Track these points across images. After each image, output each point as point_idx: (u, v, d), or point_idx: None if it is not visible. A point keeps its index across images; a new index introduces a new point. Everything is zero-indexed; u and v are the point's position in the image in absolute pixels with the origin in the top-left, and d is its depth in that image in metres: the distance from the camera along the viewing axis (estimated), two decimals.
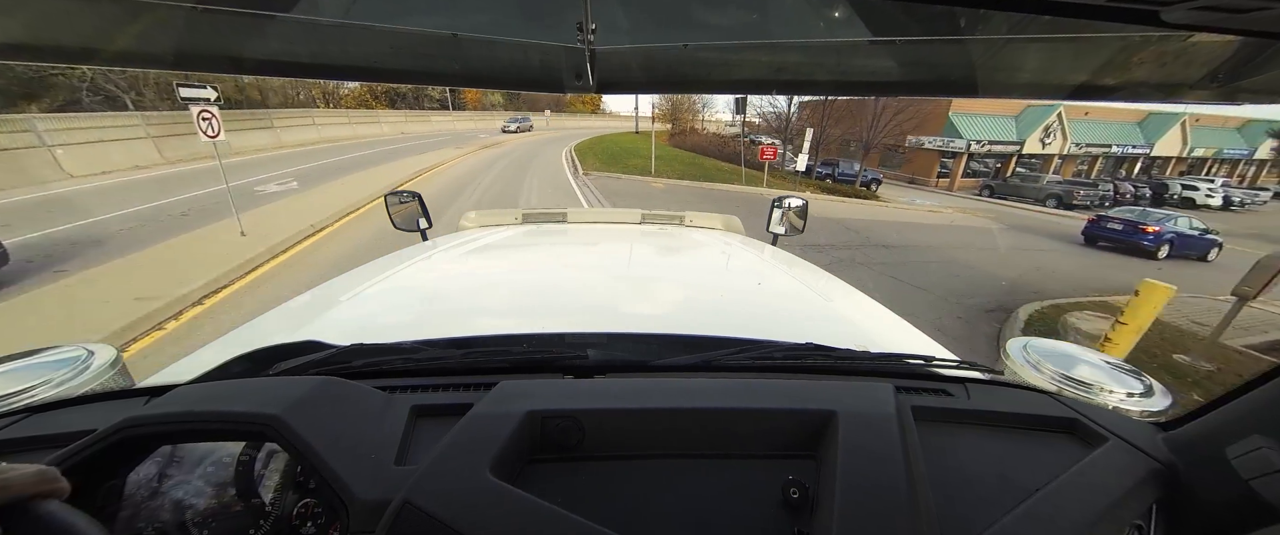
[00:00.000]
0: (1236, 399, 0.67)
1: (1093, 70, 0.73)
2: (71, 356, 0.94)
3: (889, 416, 0.67)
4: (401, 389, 0.79)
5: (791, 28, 0.72)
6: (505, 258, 1.85)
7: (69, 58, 0.70)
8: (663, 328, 1.11)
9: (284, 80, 27.49)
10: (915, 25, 0.68)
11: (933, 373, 0.92)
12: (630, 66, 0.81)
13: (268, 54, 0.73)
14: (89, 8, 0.63)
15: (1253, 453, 0.60)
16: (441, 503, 0.53)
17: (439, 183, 13.89)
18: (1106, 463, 0.69)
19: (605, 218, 2.67)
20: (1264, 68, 0.60)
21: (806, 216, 2.49)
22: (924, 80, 0.80)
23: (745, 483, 0.64)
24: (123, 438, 0.59)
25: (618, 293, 1.45)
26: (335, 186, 12.30)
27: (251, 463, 0.64)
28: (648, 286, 1.54)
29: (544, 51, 0.76)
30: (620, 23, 0.73)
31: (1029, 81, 0.76)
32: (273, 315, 1.31)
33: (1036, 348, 1.06)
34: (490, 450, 0.59)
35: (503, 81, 0.85)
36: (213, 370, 0.86)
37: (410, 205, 2.40)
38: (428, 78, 0.82)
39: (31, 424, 0.74)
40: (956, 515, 0.61)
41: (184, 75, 6.62)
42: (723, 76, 0.84)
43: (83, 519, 0.44)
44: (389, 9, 0.68)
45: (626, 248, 1.98)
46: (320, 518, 0.61)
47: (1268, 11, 0.41)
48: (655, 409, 0.69)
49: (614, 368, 0.86)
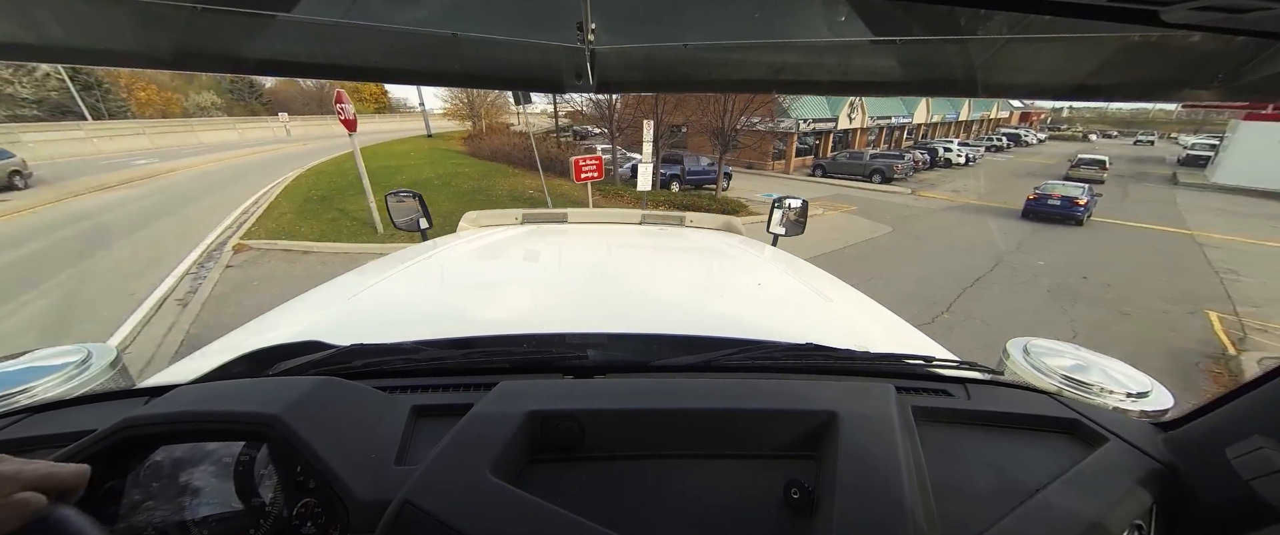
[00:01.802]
0: (1236, 399, 0.67)
1: (1093, 70, 0.72)
2: (72, 356, 0.94)
3: (889, 417, 0.67)
4: (401, 389, 0.79)
5: (792, 27, 0.72)
6: (505, 258, 1.85)
7: (69, 58, 0.70)
8: (663, 328, 1.11)
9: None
10: (915, 25, 0.68)
11: (933, 373, 0.92)
12: (630, 66, 0.81)
13: (268, 54, 0.73)
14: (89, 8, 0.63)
15: (1253, 453, 0.60)
16: (441, 503, 0.53)
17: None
18: (1106, 463, 0.69)
19: (605, 218, 2.66)
20: (1264, 68, 0.60)
21: (806, 217, 2.49)
22: (924, 80, 0.80)
23: (746, 483, 0.64)
24: (123, 438, 0.59)
25: (618, 293, 1.45)
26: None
27: (251, 463, 0.64)
28: (648, 287, 1.54)
29: (544, 51, 0.76)
30: (620, 23, 0.73)
31: (1029, 81, 0.76)
32: (273, 315, 1.31)
33: (1036, 348, 1.06)
34: (490, 450, 0.59)
35: (503, 81, 0.85)
36: (213, 370, 0.86)
37: (410, 205, 2.40)
38: (428, 78, 0.82)
39: (31, 424, 0.74)
40: (957, 515, 0.61)
41: (185, 75, 6.48)
42: (723, 76, 0.84)
43: (83, 520, 0.44)
44: (389, 9, 0.68)
45: (627, 248, 1.98)
46: (320, 518, 0.61)
47: (1268, 11, 0.41)
48: (655, 409, 0.69)
49: (614, 368, 0.86)
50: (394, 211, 2.40)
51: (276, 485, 0.63)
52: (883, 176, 20.90)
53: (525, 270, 1.76)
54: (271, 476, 0.63)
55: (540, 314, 1.28)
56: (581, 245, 2.05)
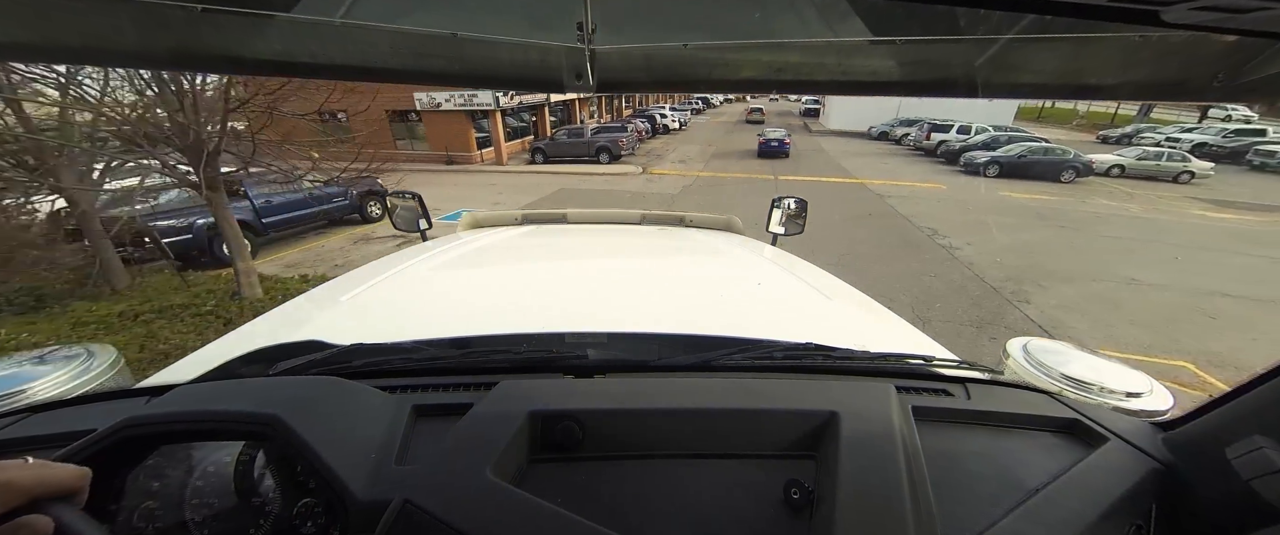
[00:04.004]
0: (1236, 399, 0.67)
1: (1093, 70, 0.73)
2: (71, 356, 0.94)
3: (889, 417, 0.67)
4: (402, 389, 0.79)
5: (792, 27, 0.72)
6: (505, 257, 1.85)
7: (69, 58, 0.70)
8: (663, 328, 1.11)
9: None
10: (915, 25, 0.68)
11: (933, 373, 0.92)
12: (630, 66, 0.82)
13: (268, 54, 0.73)
14: (89, 8, 0.63)
15: (1253, 453, 0.60)
16: (441, 502, 0.53)
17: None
18: (1106, 463, 0.69)
19: (605, 218, 2.66)
20: (1264, 68, 0.60)
21: (805, 218, 2.49)
22: (924, 80, 0.81)
23: (746, 483, 0.64)
24: (123, 438, 0.59)
25: (618, 292, 1.45)
26: None
27: (251, 463, 0.64)
28: (648, 286, 1.54)
29: (544, 51, 0.76)
30: (621, 23, 0.73)
31: (1029, 81, 0.76)
32: (273, 315, 1.31)
33: (1037, 348, 1.06)
34: (490, 450, 0.59)
35: (503, 81, 0.85)
36: (213, 370, 0.86)
37: (410, 205, 2.40)
38: (427, 78, 0.82)
39: (31, 424, 0.74)
40: (956, 515, 0.61)
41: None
42: (723, 76, 0.84)
43: (84, 521, 0.44)
44: (389, 9, 0.68)
45: (627, 248, 1.98)
46: (320, 518, 0.61)
47: (1268, 11, 0.41)
48: (656, 409, 0.69)
49: (614, 368, 0.86)
50: (394, 213, 2.40)
51: (276, 485, 0.63)
52: (610, 155, 18.91)
53: (525, 270, 1.76)
54: (271, 476, 0.63)
55: (540, 314, 1.28)
56: (581, 245, 2.05)
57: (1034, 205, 11.95)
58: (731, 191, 13.39)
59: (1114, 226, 10.06)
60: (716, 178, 16.10)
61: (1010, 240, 8.43)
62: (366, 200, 10.79)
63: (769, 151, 19.70)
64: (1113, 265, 7.39)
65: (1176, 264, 7.68)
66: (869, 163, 19.09)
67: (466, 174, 17.99)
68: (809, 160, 19.49)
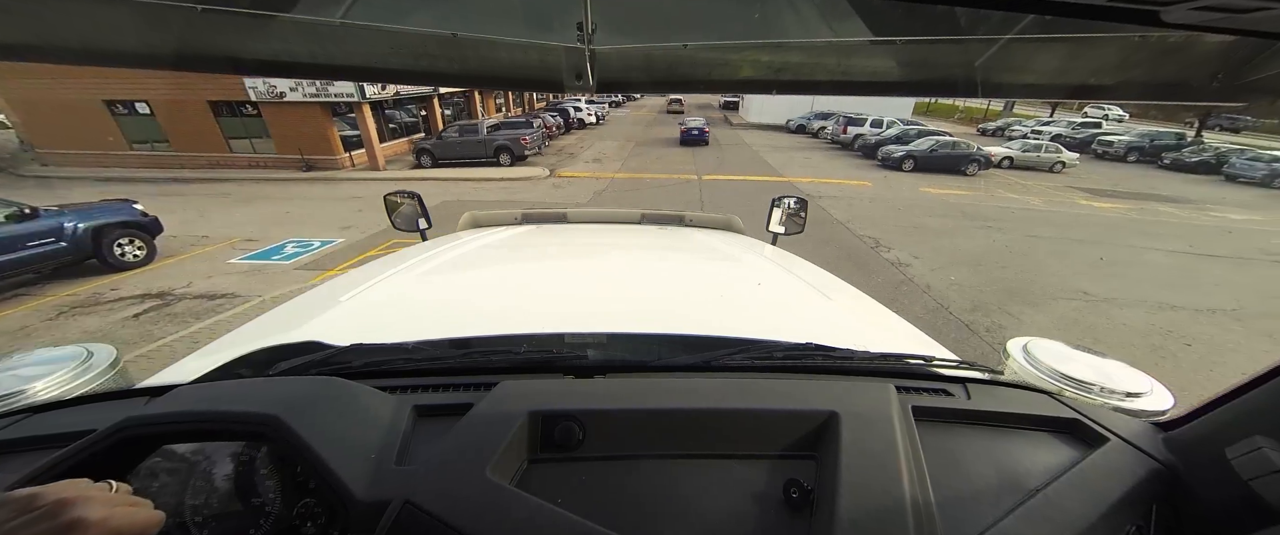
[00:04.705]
0: (1236, 399, 0.67)
1: (1093, 70, 0.73)
2: (71, 356, 0.94)
3: (889, 417, 0.67)
4: (402, 389, 0.79)
5: (792, 27, 0.72)
6: (505, 257, 1.85)
7: (69, 58, 0.70)
8: (663, 328, 1.11)
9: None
10: (915, 25, 0.68)
11: (933, 372, 0.92)
12: (630, 66, 0.82)
13: (268, 54, 0.73)
14: (89, 8, 0.63)
15: (1253, 453, 0.60)
16: (442, 503, 0.53)
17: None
18: (1106, 463, 0.69)
19: (605, 217, 2.67)
20: (1264, 68, 0.60)
21: (805, 218, 2.49)
22: (924, 80, 0.81)
23: (746, 483, 0.64)
24: (123, 438, 0.59)
25: (618, 292, 1.44)
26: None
27: (251, 463, 0.64)
28: (648, 286, 1.54)
29: (544, 51, 0.76)
30: (620, 23, 0.73)
31: (1030, 81, 0.76)
32: (273, 316, 1.31)
33: (1037, 347, 1.06)
34: (491, 450, 0.59)
35: (503, 81, 0.85)
36: (213, 371, 0.86)
37: (410, 205, 2.40)
38: (428, 78, 0.83)
39: (31, 424, 0.74)
40: (956, 515, 0.61)
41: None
42: (723, 76, 0.84)
43: None
44: (389, 9, 0.68)
45: (626, 247, 1.98)
46: (320, 518, 0.61)
47: (1268, 11, 0.41)
48: (656, 409, 0.69)
49: (614, 368, 0.86)
50: (393, 212, 2.40)
51: (276, 485, 0.63)
52: (512, 155, 15.95)
53: (525, 270, 1.76)
54: (271, 476, 0.63)
55: (540, 314, 1.28)
56: (581, 244, 2.05)
57: (955, 202, 11.97)
58: (650, 198, 11.74)
59: (1031, 225, 9.89)
60: (634, 179, 14.06)
61: (953, 249, 7.97)
62: (108, 236, 6.56)
63: (690, 139, 21.02)
64: (1059, 276, 6.88)
65: (1105, 267, 7.44)
66: (792, 158, 18.77)
67: (327, 183, 13.75)
68: (733, 155, 18.72)
